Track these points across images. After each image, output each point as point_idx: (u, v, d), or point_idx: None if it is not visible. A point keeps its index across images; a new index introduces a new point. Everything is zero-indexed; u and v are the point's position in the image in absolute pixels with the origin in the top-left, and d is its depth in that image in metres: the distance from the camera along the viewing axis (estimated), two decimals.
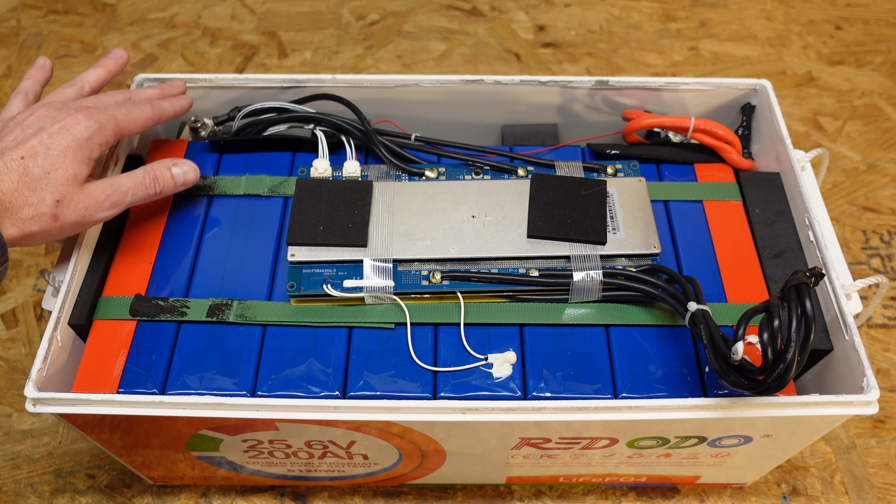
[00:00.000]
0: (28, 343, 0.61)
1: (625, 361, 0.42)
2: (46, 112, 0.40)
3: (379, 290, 0.42)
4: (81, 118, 0.39)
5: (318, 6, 0.90)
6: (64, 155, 0.38)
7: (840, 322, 0.42)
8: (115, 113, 0.41)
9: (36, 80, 0.45)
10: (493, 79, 0.53)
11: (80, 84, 0.45)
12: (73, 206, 0.39)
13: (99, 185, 0.40)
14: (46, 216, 0.38)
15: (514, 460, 0.47)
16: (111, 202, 0.40)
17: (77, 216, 0.39)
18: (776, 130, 0.51)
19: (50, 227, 0.38)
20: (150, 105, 0.44)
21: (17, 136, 0.39)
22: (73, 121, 0.39)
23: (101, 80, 0.47)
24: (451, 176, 0.47)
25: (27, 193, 0.37)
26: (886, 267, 0.67)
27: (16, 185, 0.37)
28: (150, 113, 0.44)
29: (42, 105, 0.41)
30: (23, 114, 0.40)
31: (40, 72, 0.46)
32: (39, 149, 0.38)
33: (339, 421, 0.40)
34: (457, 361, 0.42)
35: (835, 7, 0.90)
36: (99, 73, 0.47)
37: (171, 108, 0.46)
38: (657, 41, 0.86)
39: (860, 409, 0.39)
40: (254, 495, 0.54)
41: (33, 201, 0.37)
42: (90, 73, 0.46)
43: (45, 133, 0.38)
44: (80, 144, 0.39)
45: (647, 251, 0.44)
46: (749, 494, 0.55)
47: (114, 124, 0.41)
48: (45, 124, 0.39)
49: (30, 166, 0.37)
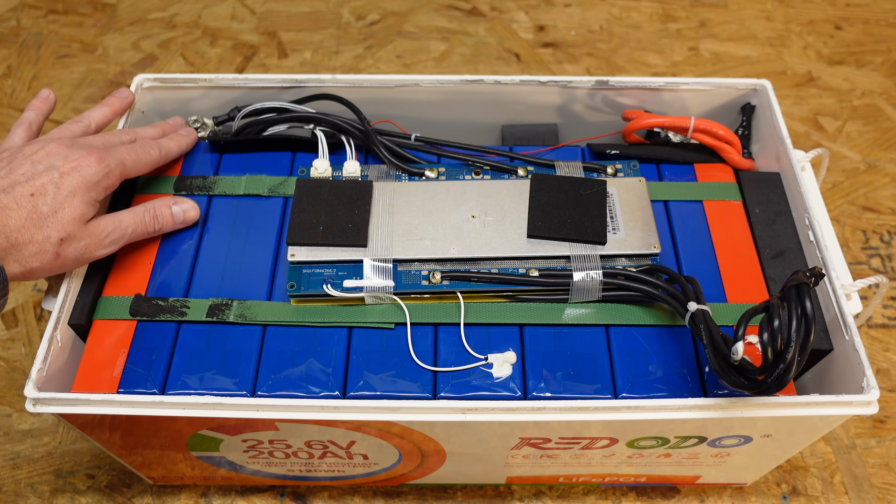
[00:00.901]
0: (28, 343, 0.61)
1: (625, 361, 0.42)
2: (57, 149, 0.40)
3: (379, 290, 0.42)
4: (93, 161, 0.40)
5: (318, 6, 0.90)
6: (73, 195, 0.39)
7: (840, 322, 0.42)
8: (125, 157, 0.42)
9: (39, 112, 0.45)
10: (493, 79, 0.53)
11: (86, 122, 0.45)
12: (74, 244, 0.39)
13: (101, 222, 0.41)
14: (49, 254, 0.38)
15: (514, 460, 0.47)
16: (111, 239, 0.41)
17: (77, 253, 0.40)
18: (776, 130, 0.51)
19: (51, 265, 0.39)
20: (157, 147, 0.45)
21: (27, 171, 0.39)
22: (84, 163, 0.40)
23: (106, 119, 0.47)
24: (451, 176, 0.47)
25: (33, 231, 0.37)
26: (886, 267, 0.67)
27: (23, 221, 0.37)
28: (157, 156, 0.45)
29: (52, 140, 0.41)
30: (31, 146, 0.40)
31: (44, 104, 0.46)
32: (49, 187, 0.38)
33: (339, 421, 0.40)
34: (457, 361, 0.42)
35: (835, 7, 0.90)
36: (105, 111, 0.47)
37: (176, 148, 0.47)
38: (657, 41, 0.86)
39: (860, 409, 0.39)
40: (254, 495, 0.54)
41: (39, 239, 0.38)
42: (96, 112, 0.47)
43: (55, 172, 0.39)
44: (89, 187, 0.39)
45: (647, 251, 0.44)
46: (749, 494, 0.55)
47: (122, 169, 0.42)
48: (56, 162, 0.39)
49: (38, 204, 0.38)
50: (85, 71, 0.82)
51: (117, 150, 0.42)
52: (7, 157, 0.40)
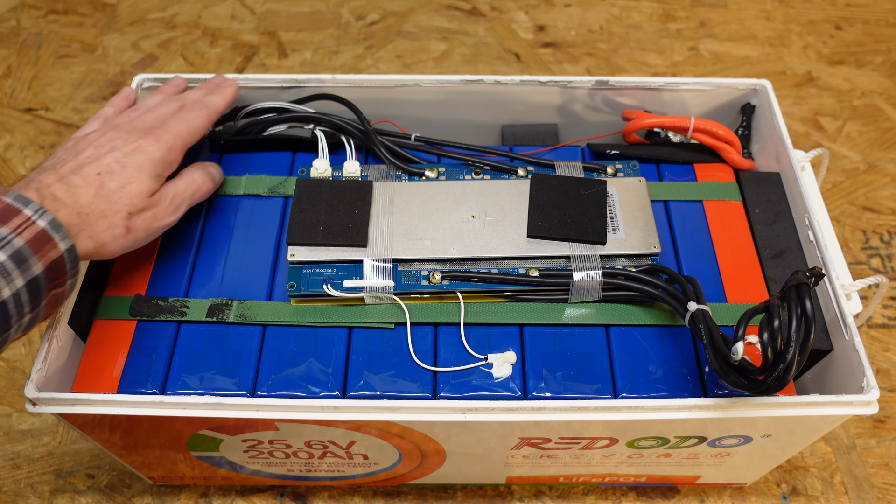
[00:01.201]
0: (28, 343, 0.61)
1: (625, 361, 0.42)
2: (117, 133, 0.41)
3: (379, 290, 0.42)
4: (151, 141, 0.41)
5: (318, 6, 0.90)
6: (139, 171, 0.40)
7: (840, 322, 0.42)
8: (179, 129, 0.43)
9: (118, 109, 0.47)
10: (493, 79, 0.53)
11: (143, 108, 0.45)
12: (143, 216, 0.40)
13: (162, 191, 0.42)
14: (120, 227, 0.39)
15: (514, 460, 0.47)
16: (175, 204, 0.42)
17: (147, 224, 0.41)
18: (776, 130, 0.51)
19: (123, 238, 0.40)
20: (205, 107, 0.46)
21: (92, 153, 0.40)
22: (144, 143, 0.41)
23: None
24: (451, 176, 0.47)
25: (103, 206, 0.38)
26: (886, 267, 0.67)
27: (92, 198, 0.38)
28: (207, 115, 0.46)
29: (110, 127, 0.42)
30: (94, 134, 0.42)
31: (124, 101, 0.48)
32: (115, 166, 0.39)
33: (339, 421, 0.40)
34: (457, 361, 0.42)
35: (835, 7, 0.90)
36: (159, 98, 0.47)
37: (221, 102, 0.48)
38: (657, 41, 0.86)
39: (860, 409, 0.39)
40: (254, 495, 0.54)
41: (109, 212, 0.39)
42: (152, 100, 0.47)
43: (118, 152, 0.40)
44: (154, 163, 0.41)
45: (647, 251, 0.44)
46: (749, 494, 0.55)
47: (180, 142, 0.43)
48: (117, 144, 0.41)
49: (106, 181, 0.39)
50: (85, 71, 0.82)
51: (171, 125, 0.43)
52: (72, 145, 0.41)
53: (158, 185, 0.41)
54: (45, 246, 0.35)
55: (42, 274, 0.35)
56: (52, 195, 0.37)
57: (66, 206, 0.37)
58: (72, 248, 0.36)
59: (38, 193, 0.37)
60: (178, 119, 0.44)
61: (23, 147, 0.75)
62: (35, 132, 0.76)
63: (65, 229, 0.36)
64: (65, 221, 0.37)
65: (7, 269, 0.33)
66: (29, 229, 0.35)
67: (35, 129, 0.76)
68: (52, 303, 0.37)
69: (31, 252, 0.34)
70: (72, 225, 0.37)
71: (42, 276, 0.35)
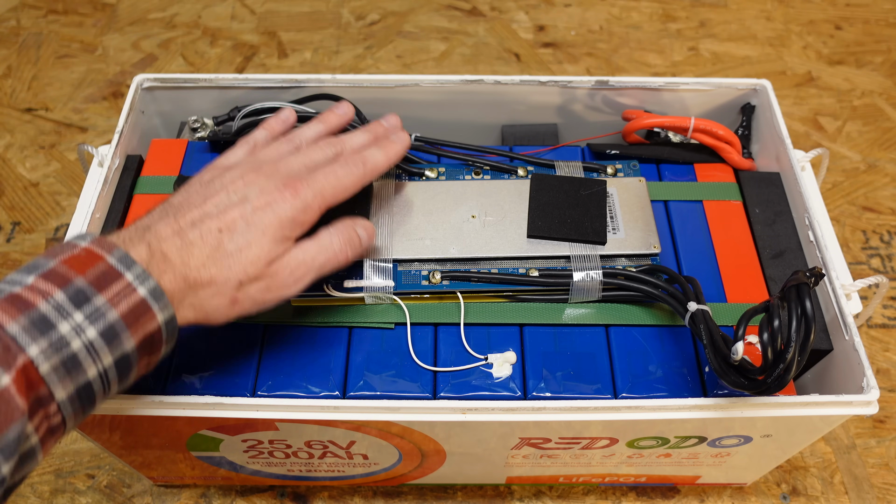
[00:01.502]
0: None
1: (625, 361, 0.42)
2: (255, 178, 0.36)
3: (379, 290, 0.42)
4: (288, 196, 0.36)
5: (318, 6, 0.90)
6: (262, 233, 0.35)
7: (840, 322, 0.42)
8: (324, 186, 0.37)
9: (271, 134, 0.42)
10: (493, 79, 0.53)
11: (297, 143, 0.41)
12: (255, 286, 0.35)
13: (285, 259, 0.36)
14: (226, 297, 0.34)
15: (514, 460, 0.47)
16: (296, 277, 0.36)
17: (258, 296, 0.35)
18: (776, 130, 0.51)
19: (227, 309, 0.35)
20: (362, 164, 0.39)
21: (221, 201, 0.35)
22: (279, 197, 0.35)
23: (319, 138, 0.42)
24: (451, 176, 0.47)
25: (214, 271, 0.34)
26: (886, 267, 0.67)
27: (204, 260, 0.33)
28: (361, 175, 0.39)
29: (252, 167, 0.37)
30: (231, 174, 0.37)
31: (279, 125, 0.43)
32: (240, 223, 0.34)
33: (339, 421, 0.40)
34: (457, 361, 0.42)
35: (835, 7, 0.90)
36: (319, 129, 0.43)
37: (384, 161, 0.40)
38: (657, 41, 0.86)
39: (860, 409, 0.39)
40: (254, 495, 0.54)
41: (219, 280, 0.34)
42: (309, 131, 0.42)
43: (248, 205, 0.35)
44: (282, 224, 0.35)
45: (647, 251, 0.44)
46: (749, 494, 0.55)
47: (320, 201, 0.37)
48: (251, 193, 0.35)
49: (224, 241, 0.34)
50: (85, 71, 0.82)
51: (317, 179, 0.37)
52: (209, 179, 0.37)
53: (282, 249, 0.35)
54: (143, 318, 0.31)
55: (134, 350, 0.31)
56: (163, 254, 0.33)
57: (173, 269, 0.33)
58: (172, 318, 0.32)
59: (149, 250, 0.33)
60: (327, 173, 0.38)
61: (23, 147, 0.75)
62: (35, 132, 0.76)
63: (167, 298, 0.32)
64: (168, 288, 0.32)
65: (96, 348, 0.29)
66: (127, 299, 0.30)
67: (35, 129, 0.76)
68: (142, 370, 0.33)
69: (124, 326, 0.30)
70: (175, 291, 0.33)
71: (134, 352, 0.31)
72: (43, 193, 0.71)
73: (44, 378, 0.28)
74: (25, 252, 0.67)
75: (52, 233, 0.68)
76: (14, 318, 0.28)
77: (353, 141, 0.41)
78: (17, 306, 0.29)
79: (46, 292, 0.29)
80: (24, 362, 0.28)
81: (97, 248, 0.31)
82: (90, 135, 0.76)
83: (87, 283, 0.30)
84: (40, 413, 0.29)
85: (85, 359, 0.29)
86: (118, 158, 0.49)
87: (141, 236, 0.33)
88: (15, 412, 0.27)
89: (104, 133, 0.76)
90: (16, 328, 0.28)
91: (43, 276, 0.30)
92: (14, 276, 0.30)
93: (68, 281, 0.30)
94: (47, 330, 0.29)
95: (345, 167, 0.38)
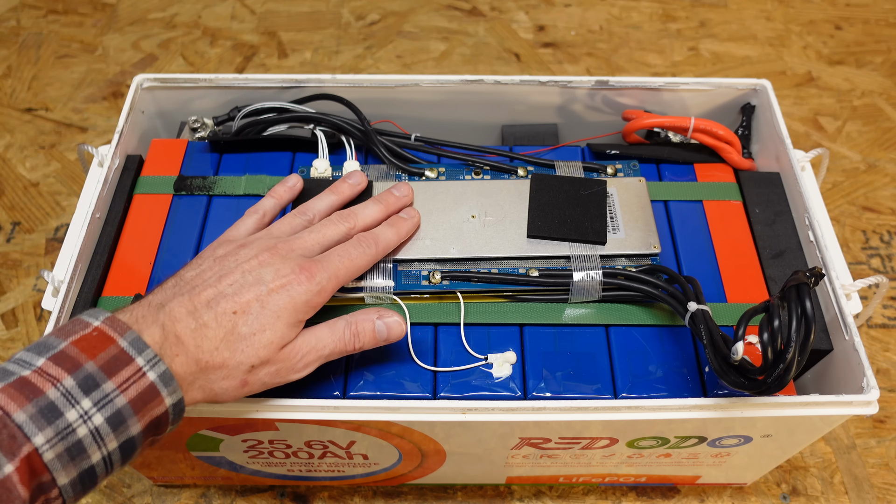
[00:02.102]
0: (28, 343, 0.61)
1: (625, 361, 0.42)
2: (270, 257, 0.36)
3: (379, 290, 0.42)
4: (304, 279, 0.35)
5: (318, 6, 0.90)
6: (277, 317, 0.34)
7: (840, 322, 0.42)
8: (338, 268, 0.37)
9: (279, 202, 0.42)
10: (493, 79, 0.53)
11: (310, 216, 0.41)
12: (266, 369, 0.35)
13: (296, 343, 0.36)
14: (236, 380, 0.34)
15: (514, 460, 0.47)
16: (305, 362, 0.36)
17: (268, 378, 0.35)
18: (776, 130, 0.51)
19: (235, 391, 0.34)
20: (374, 244, 0.39)
21: (236, 281, 0.35)
22: (294, 280, 0.35)
23: (332, 210, 0.43)
24: (451, 176, 0.47)
25: (226, 354, 0.33)
26: (886, 267, 0.67)
27: (219, 343, 0.33)
28: (374, 255, 0.39)
29: (266, 245, 0.37)
30: (247, 251, 0.36)
31: (287, 193, 0.43)
32: (254, 306, 0.34)
33: (339, 421, 0.40)
34: (457, 361, 0.42)
35: (835, 7, 0.90)
36: (331, 201, 0.43)
37: (395, 239, 0.41)
38: (657, 41, 0.86)
39: (860, 409, 0.39)
40: (254, 495, 0.54)
41: (231, 364, 0.33)
42: (321, 203, 0.42)
43: (263, 287, 0.35)
44: (296, 307, 0.35)
45: (647, 251, 0.44)
46: (749, 494, 0.55)
47: (334, 283, 0.37)
48: (266, 275, 0.35)
49: (238, 324, 0.34)
50: (85, 71, 0.82)
51: (331, 260, 0.37)
52: (222, 255, 0.36)
53: (294, 333, 0.35)
54: (151, 403, 0.30)
55: (140, 433, 0.31)
56: (177, 336, 0.32)
57: (186, 353, 0.32)
58: (180, 401, 0.32)
59: (163, 332, 0.32)
60: (341, 255, 0.38)
61: (23, 147, 0.75)
62: (35, 132, 0.76)
63: (176, 382, 0.31)
64: (179, 372, 0.32)
65: (101, 434, 0.29)
66: (136, 385, 0.30)
67: (35, 129, 0.76)
68: (145, 447, 0.32)
69: (132, 412, 0.30)
70: (186, 375, 0.32)
71: (140, 435, 0.31)
72: (43, 193, 0.71)
73: (47, 465, 0.28)
74: (25, 252, 0.67)
75: (52, 233, 0.68)
76: (22, 406, 0.28)
77: (365, 215, 0.41)
78: (24, 393, 0.28)
79: (55, 378, 0.29)
80: (29, 451, 0.28)
81: (109, 329, 0.31)
82: (90, 135, 0.76)
83: (97, 368, 0.30)
84: (41, 499, 0.28)
85: (90, 445, 0.29)
86: (118, 158, 0.49)
87: (154, 316, 0.33)
88: (16, 501, 0.27)
89: (104, 133, 0.76)
90: (23, 417, 0.28)
91: (53, 360, 0.29)
92: (24, 354, 0.30)
93: (78, 366, 0.29)
94: (54, 418, 0.28)
95: (358, 248, 0.39)
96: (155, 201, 0.48)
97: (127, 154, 0.51)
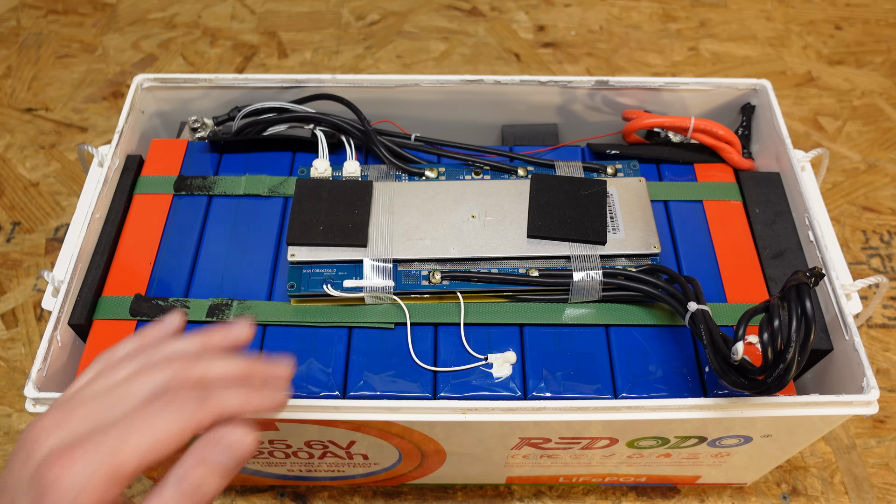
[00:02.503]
0: (28, 343, 0.61)
1: (625, 361, 0.42)
2: (85, 412, 0.29)
3: (379, 290, 0.42)
4: (80, 455, 0.27)
5: (318, 6, 0.90)
6: None
7: (840, 322, 0.42)
8: (129, 448, 0.29)
9: (140, 346, 0.32)
10: (493, 79, 0.53)
11: (135, 365, 0.31)
12: None
13: None
14: None
15: (514, 460, 0.47)
16: None
17: None
18: (776, 130, 0.51)
19: None
20: (206, 411, 0.30)
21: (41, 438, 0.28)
22: (68, 461, 0.27)
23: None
24: (451, 176, 0.47)
25: None
26: (886, 267, 0.67)
27: None
28: (191, 430, 0.31)
29: (88, 396, 0.30)
30: (78, 397, 0.29)
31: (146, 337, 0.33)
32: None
33: (339, 421, 0.40)
34: (457, 361, 0.42)
35: (835, 7, 0.90)
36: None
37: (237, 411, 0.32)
38: (657, 41, 0.86)
39: (860, 409, 0.39)
40: (254, 495, 0.54)
41: None
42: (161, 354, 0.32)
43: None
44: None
45: (647, 251, 0.44)
46: (749, 494, 0.55)
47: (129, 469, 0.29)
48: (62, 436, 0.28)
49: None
50: (85, 71, 0.82)
51: (125, 432, 0.29)
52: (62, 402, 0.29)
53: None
54: None
55: None
56: None
57: None
58: None
59: None
60: (142, 420, 0.29)
61: (23, 147, 0.75)
62: (35, 132, 0.76)
63: None
64: None
65: None
66: None
67: (35, 129, 0.76)
68: None
69: None
70: None
71: None
72: (43, 193, 0.71)
73: None
74: (25, 252, 0.67)
75: (52, 233, 0.68)
76: None
77: (213, 369, 0.32)
78: None
79: None
80: None
81: None
82: (90, 135, 0.76)
83: None
84: None
85: None
86: (118, 158, 0.49)
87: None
88: None
89: (104, 133, 0.76)
90: None
91: None
92: None
93: None
94: None
95: (162, 414, 0.30)
96: (155, 201, 0.48)
97: (127, 154, 0.51)
